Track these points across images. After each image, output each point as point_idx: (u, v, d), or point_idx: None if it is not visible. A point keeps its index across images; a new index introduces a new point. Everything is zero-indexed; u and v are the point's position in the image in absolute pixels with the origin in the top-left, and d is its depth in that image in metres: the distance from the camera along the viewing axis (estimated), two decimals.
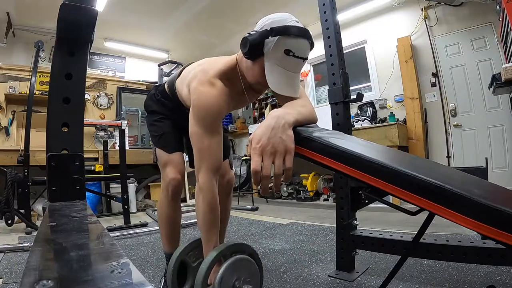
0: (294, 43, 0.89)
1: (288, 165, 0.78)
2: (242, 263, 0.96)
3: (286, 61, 0.91)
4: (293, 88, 0.96)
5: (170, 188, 1.27)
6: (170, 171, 1.27)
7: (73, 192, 1.00)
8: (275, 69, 0.92)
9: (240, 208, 3.83)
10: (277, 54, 0.90)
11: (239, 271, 0.94)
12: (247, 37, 0.92)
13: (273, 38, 0.88)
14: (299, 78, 0.99)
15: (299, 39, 0.90)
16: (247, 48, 0.92)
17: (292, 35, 0.88)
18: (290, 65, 0.92)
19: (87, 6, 1.01)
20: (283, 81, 0.93)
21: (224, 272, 0.90)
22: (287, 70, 0.92)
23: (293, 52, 0.89)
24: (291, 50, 0.89)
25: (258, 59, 0.94)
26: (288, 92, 0.95)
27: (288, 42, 0.89)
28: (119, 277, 0.36)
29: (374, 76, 4.33)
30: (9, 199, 2.61)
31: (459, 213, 0.57)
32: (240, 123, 6.14)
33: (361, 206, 1.30)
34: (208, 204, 1.02)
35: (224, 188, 1.44)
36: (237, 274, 0.93)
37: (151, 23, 4.64)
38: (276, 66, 0.91)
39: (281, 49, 0.89)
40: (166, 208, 1.32)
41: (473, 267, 1.39)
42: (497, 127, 3.39)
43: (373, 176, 0.68)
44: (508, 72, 2.15)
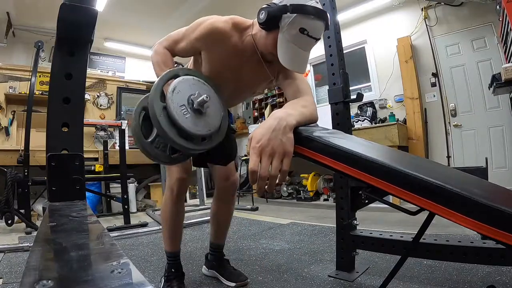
0: (310, 23, 0.91)
1: (285, 168, 0.79)
2: (198, 83, 0.91)
3: (300, 39, 0.93)
4: (301, 65, 0.99)
5: (176, 188, 1.27)
6: (176, 170, 1.27)
7: (73, 192, 0.99)
8: (287, 44, 0.94)
9: (240, 208, 3.83)
10: (292, 31, 0.91)
11: (194, 88, 0.88)
12: (266, 8, 0.94)
13: (291, 14, 0.90)
14: (308, 56, 1.01)
15: (316, 20, 0.91)
16: (264, 19, 0.94)
17: (310, 15, 0.90)
18: (303, 43, 0.94)
19: (87, 6, 1.01)
20: (293, 57, 0.96)
21: (178, 83, 0.85)
22: (298, 48, 0.94)
23: (307, 31, 0.91)
24: (306, 29, 0.91)
25: (272, 31, 0.96)
26: (297, 67, 0.98)
27: (305, 21, 0.90)
28: (119, 277, 0.36)
29: (374, 76, 4.33)
30: (9, 199, 2.61)
31: (459, 213, 0.57)
32: (240, 123, 6.14)
33: (361, 206, 1.30)
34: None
35: (228, 190, 1.44)
36: (193, 90, 0.88)
37: (151, 23, 4.64)
38: (289, 42, 0.93)
39: (297, 27, 0.91)
40: (170, 207, 1.32)
41: (473, 267, 1.39)
42: (497, 127, 3.39)
43: (373, 176, 0.68)
44: (508, 72, 2.15)
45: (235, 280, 1.40)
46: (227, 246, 2.10)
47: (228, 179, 1.41)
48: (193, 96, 0.86)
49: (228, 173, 1.41)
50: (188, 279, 1.47)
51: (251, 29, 1.07)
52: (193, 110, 0.86)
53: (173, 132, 0.83)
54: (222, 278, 1.45)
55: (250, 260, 1.78)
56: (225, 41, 1.05)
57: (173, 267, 1.37)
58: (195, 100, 0.86)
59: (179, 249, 1.40)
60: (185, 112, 0.84)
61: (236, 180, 1.46)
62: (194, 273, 1.60)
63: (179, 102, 0.84)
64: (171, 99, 0.83)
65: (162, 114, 0.82)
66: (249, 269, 1.62)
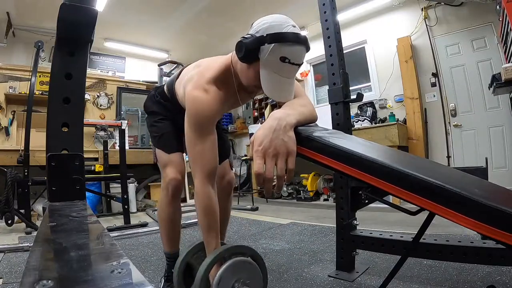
0: (290, 50, 0.88)
1: (290, 167, 0.79)
2: (242, 265, 0.95)
3: (282, 68, 0.90)
4: (287, 93, 0.97)
5: (170, 188, 1.27)
6: (170, 171, 1.27)
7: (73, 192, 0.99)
8: (270, 75, 0.91)
9: (240, 208, 3.83)
10: (273, 61, 0.89)
11: (239, 273, 0.93)
12: (243, 41, 0.91)
13: (269, 45, 0.87)
14: (293, 83, 1.00)
15: (295, 45, 0.89)
16: (242, 53, 0.91)
17: (288, 42, 0.87)
18: (285, 71, 0.92)
19: (87, 6, 1.01)
20: (277, 87, 0.93)
21: (223, 273, 0.90)
22: (281, 76, 0.92)
23: (288, 59, 0.88)
24: (286, 57, 0.88)
25: (253, 63, 0.93)
26: (283, 97, 0.96)
27: (284, 49, 0.87)
28: (119, 277, 0.36)
29: (374, 76, 4.33)
30: (9, 199, 2.61)
31: (459, 213, 0.57)
32: (240, 123, 6.15)
33: (361, 206, 1.30)
34: (204, 209, 1.03)
35: (224, 189, 1.44)
36: (237, 276, 0.93)
37: (151, 23, 4.64)
38: (271, 72, 0.91)
39: (277, 56, 0.88)
40: (166, 208, 1.32)
41: (473, 267, 1.39)
42: (497, 127, 3.39)
43: (374, 176, 0.68)
44: (508, 72, 2.15)
45: None
46: None
47: (224, 178, 1.41)
48: (237, 285, 0.92)
49: (224, 172, 1.41)
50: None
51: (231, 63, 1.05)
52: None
53: None
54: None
55: None
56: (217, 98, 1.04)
57: (172, 267, 1.37)
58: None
59: (178, 249, 1.40)
60: None
61: (231, 179, 1.46)
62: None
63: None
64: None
65: None
66: None
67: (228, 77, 1.06)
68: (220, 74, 1.05)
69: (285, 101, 0.97)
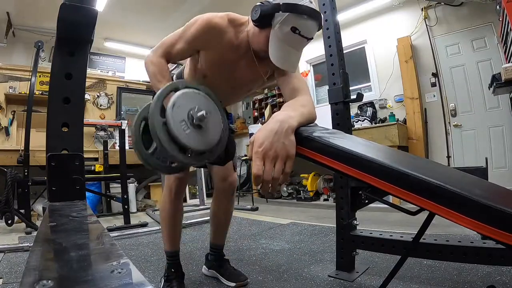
0: (302, 22, 0.91)
1: (287, 170, 0.79)
2: (197, 96, 0.90)
3: (291, 38, 0.93)
4: (292, 64, 1.00)
5: (174, 188, 1.28)
6: None
7: (73, 192, 0.99)
8: (279, 43, 0.94)
9: (240, 208, 3.83)
10: (284, 30, 0.92)
11: (194, 102, 0.87)
12: (259, 5, 0.94)
13: (283, 13, 0.90)
14: (299, 55, 1.01)
15: (308, 19, 0.91)
16: (257, 16, 0.94)
17: (302, 14, 0.90)
18: (294, 42, 0.94)
19: (87, 6, 1.01)
20: (284, 56, 0.96)
21: (177, 98, 0.84)
22: (290, 47, 0.95)
23: (299, 30, 0.91)
24: (297, 28, 0.91)
25: (266, 28, 0.96)
26: (287, 67, 0.99)
27: (297, 20, 0.90)
28: (119, 277, 0.36)
29: (374, 76, 4.33)
30: (9, 199, 2.61)
31: (459, 213, 0.57)
32: (240, 123, 6.14)
33: (361, 206, 1.30)
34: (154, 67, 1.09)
35: (226, 190, 1.44)
36: (192, 104, 0.86)
37: (151, 23, 4.64)
38: (280, 41, 0.94)
39: (288, 26, 0.91)
40: (168, 207, 1.32)
41: (473, 267, 1.39)
42: (497, 127, 3.39)
43: (373, 176, 0.68)
44: (508, 72, 2.15)
45: (235, 280, 1.40)
46: (227, 246, 2.09)
47: (226, 180, 1.41)
48: (193, 111, 0.86)
49: (226, 173, 1.41)
50: (188, 279, 1.47)
51: (246, 25, 1.07)
52: (193, 125, 0.85)
53: (174, 148, 0.83)
54: (222, 278, 1.45)
55: (250, 260, 1.78)
56: (221, 37, 1.06)
57: (172, 267, 1.37)
58: (195, 116, 0.85)
59: (178, 249, 1.40)
60: (185, 128, 0.84)
61: (234, 181, 1.45)
62: (194, 273, 1.60)
63: (179, 118, 0.83)
64: (171, 115, 0.82)
65: (162, 130, 0.82)
66: (249, 269, 1.62)
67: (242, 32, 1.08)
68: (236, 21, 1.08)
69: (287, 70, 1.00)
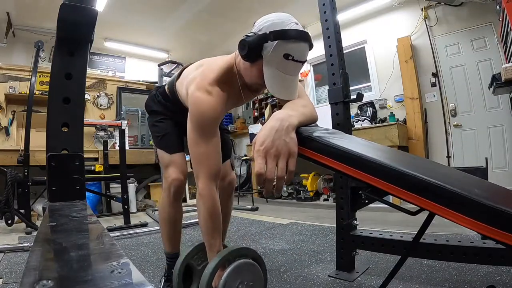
0: (293, 47, 0.88)
1: (291, 168, 0.78)
2: (245, 267, 0.97)
3: (285, 65, 0.90)
4: (291, 90, 0.97)
5: (172, 189, 1.27)
6: (173, 171, 1.27)
7: (73, 192, 1.00)
8: (274, 72, 0.91)
9: (240, 208, 3.83)
10: (276, 58, 0.89)
11: (242, 275, 0.95)
12: (245, 39, 0.91)
13: (272, 42, 0.87)
14: (297, 80, 0.99)
15: (299, 42, 0.88)
16: (245, 51, 0.91)
17: (292, 39, 0.87)
18: (289, 68, 0.91)
19: (87, 6, 1.01)
20: (281, 85, 0.93)
21: (228, 277, 0.91)
22: (285, 74, 0.92)
23: (292, 56, 0.88)
24: (290, 54, 0.88)
25: (257, 61, 0.92)
26: (287, 95, 0.96)
27: (287, 46, 0.87)
28: (119, 277, 0.36)
29: (374, 76, 4.33)
30: (9, 199, 2.61)
31: (459, 213, 0.57)
32: (240, 123, 6.14)
33: (361, 206, 1.30)
34: (208, 211, 1.02)
35: (225, 190, 1.43)
36: (241, 278, 0.94)
37: (151, 23, 4.64)
38: (275, 70, 0.90)
39: (280, 54, 0.88)
40: (167, 208, 1.32)
41: (473, 267, 1.39)
42: (497, 127, 3.39)
43: (373, 176, 0.68)
44: (508, 72, 2.15)
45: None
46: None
47: (225, 179, 1.41)
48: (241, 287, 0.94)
49: (224, 173, 1.40)
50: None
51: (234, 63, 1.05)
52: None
53: None
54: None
55: None
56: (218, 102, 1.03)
57: (173, 267, 1.37)
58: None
59: (178, 250, 1.39)
60: None
61: (233, 180, 1.46)
62: None
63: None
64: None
65: None
66: None
67: (231, 76, 1.05)
68: (223, 74, 1.04)
69: (289, 99, 0.96)
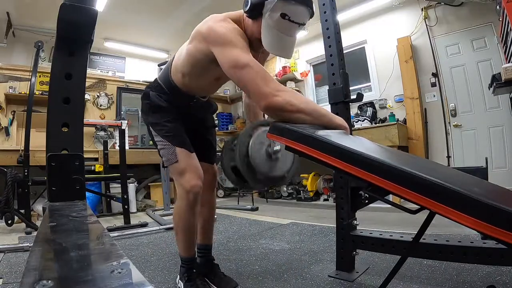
0: (292, 8, 0.93)
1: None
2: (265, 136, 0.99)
3: (282, 24, 0.95)
4: (285, 50, 1.01)
5: (192, 196, 1.20)
6: (191, 177, 1.20)
7: (73, 192, 1.00)
8: (270, 30, 0.96)
9: (240, 208, 3.83)
10: (274, 17, 0.94)
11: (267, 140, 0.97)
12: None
13: (272, 1, 0.92)
14: (293, 41, 1.02)
15: (298, 5, 0.93)
16: (247, 7, 0.97)
17: (291, 1, 0.92)
18: (285, 28, 0.96)
19: (87, 6, 1.01)
20: (276, 43, 0.98)
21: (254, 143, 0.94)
22: (281, 33, 0.96)
23: (289, 16, 0.93)
24: (287, 14, 0.93)
25: (258, 18, 0.98)
26: (280, 53, 1.01)
27: (285, 6, 0.93)
28: (119, 277, 0.36)
29: (374, 76, 4.34)
30: (9, 199, 2.61)
31: (459, 211, 0.57)
32: (240, 123, 6.14)
33: (361, 206, 1.30)
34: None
35: (209, 182, 1.43)
36: (266, 142, 0.97)
37: (151, 23, 4.64)
38: (271, 28, 0.96)
39: (278, 12, 0.93)
40: (187, 215, 1.24)
41: (473, 267, 1.39)
42: (497, 127, 3.39)
43: (374, 174, 0.68)
44: (508, 72, 2.16)
45: (225, 286, 1.35)
46: (227, 247, 2.10)
47: (208, 171, 1.40)
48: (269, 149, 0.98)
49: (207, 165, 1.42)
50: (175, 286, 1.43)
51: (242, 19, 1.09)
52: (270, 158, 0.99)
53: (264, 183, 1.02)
54: (211, 284, 1.39)
55: (250, 260, 1.78)
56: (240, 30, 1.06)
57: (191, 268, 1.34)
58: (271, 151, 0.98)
59: (194, 252, 1.36)
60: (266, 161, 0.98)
61: (216, 172, 1.46)
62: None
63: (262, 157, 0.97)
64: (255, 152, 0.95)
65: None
66: (249, 269, 1.62)
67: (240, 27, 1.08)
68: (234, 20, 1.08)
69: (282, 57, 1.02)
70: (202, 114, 1.47)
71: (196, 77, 1.22)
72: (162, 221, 2.98)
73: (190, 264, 1.34)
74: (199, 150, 1.37)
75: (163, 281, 1.49)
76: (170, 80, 1.27)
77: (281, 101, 0.86)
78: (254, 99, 0.93)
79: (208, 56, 1.06)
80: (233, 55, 0.94)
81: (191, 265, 1.34)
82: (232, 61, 0.94)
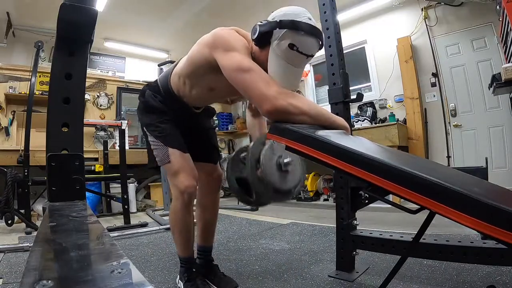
0: (301, 39, 0.91)
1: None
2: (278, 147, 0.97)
3: (289, 55, 0.92)
4: (292, 81, 0.98)
5: (187, 196, 1.21)
6: (185, 178, 1.20)
7: (73, 192, 0.99)
8: (277, 60, 0.94)
9: (240, 208, 3.83)
10: (282, 47, 0.92)
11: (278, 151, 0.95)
12: (258, 25, 0.95)
13: (281, 30, 0.90)
14: (300, 73, 1.00)
15: (307, 36, 0.91)
16: (256, 35, 0.95)
17: (300, 31, 0.90)
18: (293, 59, 0.94)
19: (87, 6, 1.01)
20: (281, 72, 0.95)
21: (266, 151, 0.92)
22: (288, 63, 0.94)
23: (297, 47, 0.91)
24: (295, 44, 0.91)
25: (265, 47, 0.96)
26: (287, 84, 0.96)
27: (294, 36, 0.90)
28: (119, 277, 0.36)
29: (374, 76, 4.34)
30: (9, 199, 2.61)
31: (459, 211, 0.57)
32: (240, 123, 6.14)
33: (361, 206, 1.31)
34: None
35: (213, 185, 1.43)
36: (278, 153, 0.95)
37: (151, 23, 4.64)
38: (278, 58, 0.93)
39: (286, 42, 0.91)
40: (183, 216, 1.25)
41: (473, 267, 1.39)
42: (497, 127, 3.39)
43: (374, 174, 0.68)
44: (508, 72, 2.16)
45: (225, 286, 1.35)
46: (227, 246, 2.10)
47: (212, 174, 1.41)
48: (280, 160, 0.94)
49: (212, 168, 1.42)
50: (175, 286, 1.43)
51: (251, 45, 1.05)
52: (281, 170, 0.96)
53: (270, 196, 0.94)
54: (211, 284, 1.39)
55: (250, 260, 1.78)
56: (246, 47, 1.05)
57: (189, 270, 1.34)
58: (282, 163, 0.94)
59: (193, 251, 1.36)
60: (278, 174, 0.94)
61: (221, 175, 1.45)
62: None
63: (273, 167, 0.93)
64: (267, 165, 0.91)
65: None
66: (249, 269, 1.62)
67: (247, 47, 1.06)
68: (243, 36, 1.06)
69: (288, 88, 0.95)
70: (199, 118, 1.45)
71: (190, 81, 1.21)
72: (162, 221, 2.98)
73: (189, 263, 1.34)
74: (200, 151, 1.37)
75: (163, 281, 1.49)
76: (168, 83, 1.28)
77: (285, 104, 0.87)
78: (256, 102, 0.93)
79: (208, 62, 1.06)
80: (237, 59, 0.96)
81: (190, 264, 1.34)
82: (235, 64, 0.95)
